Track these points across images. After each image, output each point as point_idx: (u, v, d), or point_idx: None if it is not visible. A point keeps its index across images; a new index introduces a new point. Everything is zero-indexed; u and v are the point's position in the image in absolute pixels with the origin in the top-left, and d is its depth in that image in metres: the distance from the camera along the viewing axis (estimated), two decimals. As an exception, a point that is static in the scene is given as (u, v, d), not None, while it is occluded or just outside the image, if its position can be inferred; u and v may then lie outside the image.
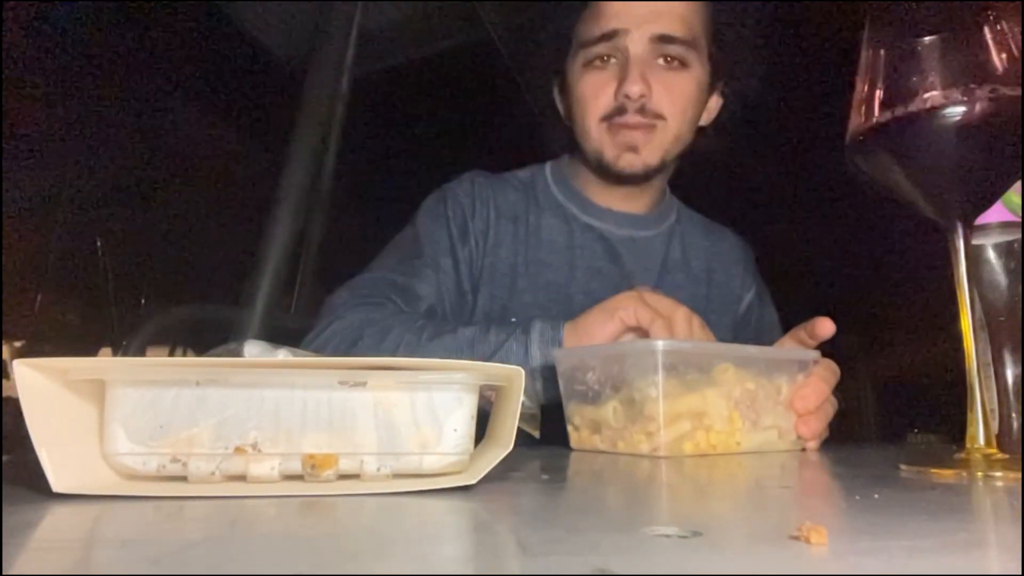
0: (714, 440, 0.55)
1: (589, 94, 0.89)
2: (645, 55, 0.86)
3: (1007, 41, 0.42)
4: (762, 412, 0.58)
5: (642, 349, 0.54)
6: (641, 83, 0.85)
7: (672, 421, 0.53)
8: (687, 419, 0.54)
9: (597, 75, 0.89)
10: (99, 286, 1.20)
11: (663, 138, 0.89)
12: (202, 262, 1.40)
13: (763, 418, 0.58)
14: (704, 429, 0.54)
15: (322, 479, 0.33)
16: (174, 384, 0.32)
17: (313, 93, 1.56)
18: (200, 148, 1.44)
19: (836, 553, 0.20)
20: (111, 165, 1.22)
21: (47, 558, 0.21)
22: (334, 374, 0.33)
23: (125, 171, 1.25)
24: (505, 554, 0.22)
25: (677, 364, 0.53)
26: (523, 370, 0.35)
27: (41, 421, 0.31)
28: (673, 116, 0.88)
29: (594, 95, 0.89)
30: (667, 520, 0.26)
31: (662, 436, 0.52)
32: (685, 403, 0.53)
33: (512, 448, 0.35)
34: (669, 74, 0.87)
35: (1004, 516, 0.28)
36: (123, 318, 1.24)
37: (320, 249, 1.69)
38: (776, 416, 0.59)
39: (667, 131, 0.89)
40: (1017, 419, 0.53)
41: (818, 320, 0.65)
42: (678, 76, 0.88)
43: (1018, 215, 0.55)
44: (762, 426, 0.58)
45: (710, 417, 0.55)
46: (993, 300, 0.55)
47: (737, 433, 0.56)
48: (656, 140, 0.89)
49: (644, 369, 0.53)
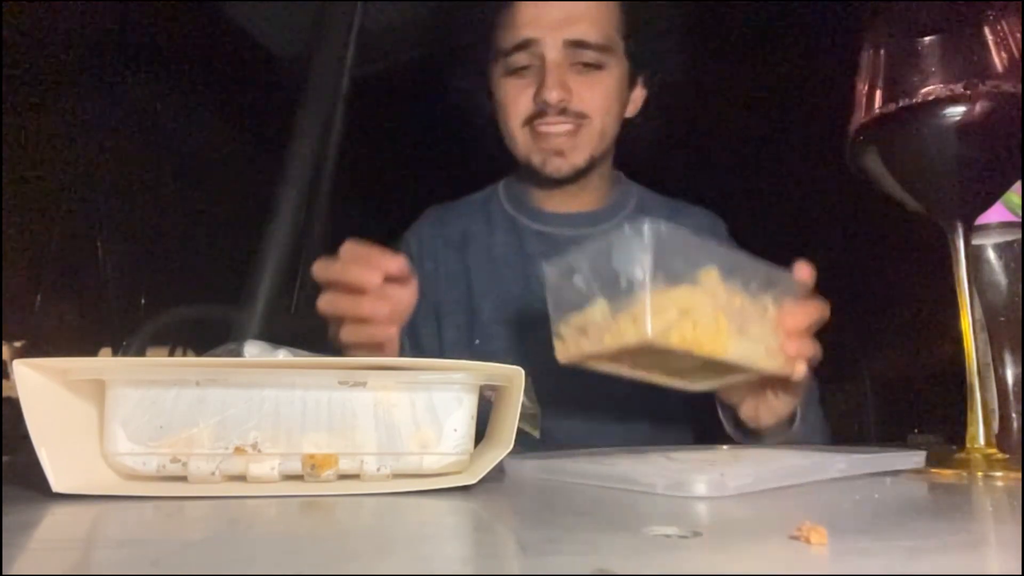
0: (701, 336, 0.51)
1: (509, 100, 0.90)
2: (561, 60, 0.87)
3: (1007, 40, 0.42)
4: (748, 322, 0.55)
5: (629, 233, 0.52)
6: (559, 89, 0.86)
7: (659, 310, 0.50)
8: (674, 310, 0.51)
9: (516, 81, 0.90)
10: (99, 286, 1.20)
11: (588, 137, 0.90)
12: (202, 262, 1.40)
13: (750, 328, 0.55)
14: (691, 323, 0.51)
15: (322, 479, 0.33)
16: (174, 384, 0.32)
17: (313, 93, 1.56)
18: (200, 148, 1.44)
19: (836, 553, 0.20)
20: (111, 165, 1.22)
21: (47, 558, 0.21)
22: (334, 374, 0.33)
23: (125, 171, 1.25)
24: (505, 554, 0.22)
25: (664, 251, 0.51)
26: (523, 370, 0.35)
27: (41, 421, 0.31)
28: (596, 114, 0.89)
29: (514, 100, 0.90)
30: (667, 520, 0.26)
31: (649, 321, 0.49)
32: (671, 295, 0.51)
33: (512, 448, 0.35)
34: (587, 76, 0.88)
35: (1004, 516, 0.28)
36: (123, 318, 1.24)
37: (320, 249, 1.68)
38: (763, 331, 0.55)
39: (592, 129, 0.89)
40: (1017, 419, 0.53)
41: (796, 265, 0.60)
42: (596, 77, 0.89)
43: (1018, 215, 0.55)
44: (749, 336, 0.54)
45: (696, 313, 0.52)
46: (993, 300, 0.55)
47: (723, 335, 0.53)
48: (582, 140, 0.90)
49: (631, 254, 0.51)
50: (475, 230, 1.00)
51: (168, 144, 1.36)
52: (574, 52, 0.87)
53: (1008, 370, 0.54)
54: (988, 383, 0.53)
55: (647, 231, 0.50)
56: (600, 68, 0.89)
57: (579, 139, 0.89)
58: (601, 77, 0.89)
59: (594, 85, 0.88)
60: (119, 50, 1.22)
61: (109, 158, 1.21)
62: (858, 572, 0.19)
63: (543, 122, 0.88)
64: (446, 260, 0.98)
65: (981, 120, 0.41)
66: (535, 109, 0.88)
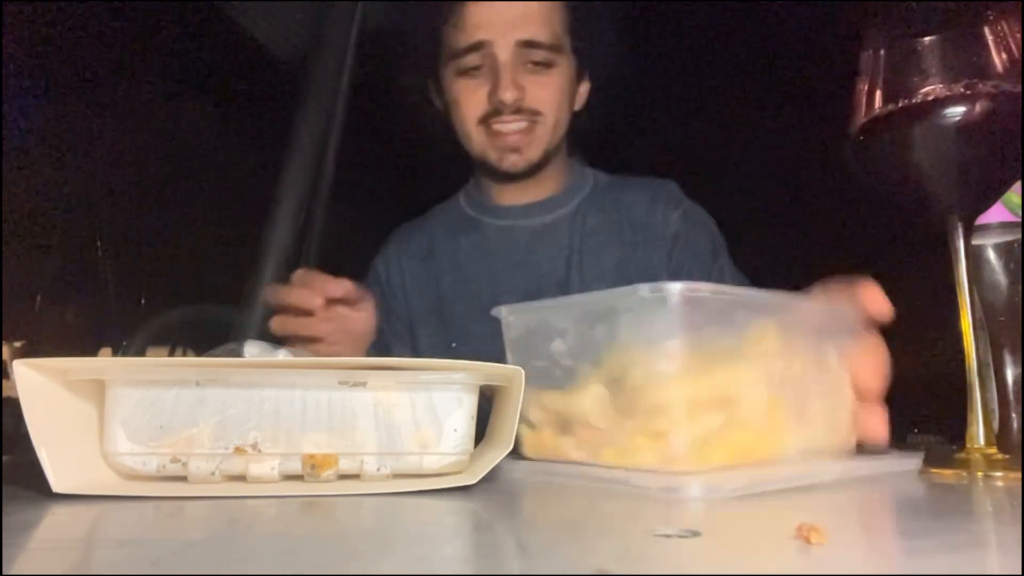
0: (751, 442, 0.37)
1: (463, 100, 0.92)
2: (513, 60, 0.89)
3: (1007, 40, 0.42)
4: (809, 396, 0.40)
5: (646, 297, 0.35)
6: (513, 88, 0.88)
7: (694, 414, 0.35)
8: (713, 410, 0.36)
9: (469, 82, 0.92)
10: (99, 286, 1.20)
11: (542, 133, 0.93)
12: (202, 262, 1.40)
13: (810, 405, 0.41)
14: (736, 424, 0.37)
15: (322, 479, 0.33)
16: (174, 384, 0.32)
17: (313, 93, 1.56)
18: (200, 148, 1.44)
19: (836, 553, 0.20)
20: (111, 165, 1.22)
21: (47, 558, 0.21)
22: (334, 374, 0.33)
23: (125, 171, 1.25)
24: (505, 554, 0.22)
25: (699, 320, 0.35)
26: (523, 370, 0.35)
27: (41, 421, 0.31)
28: (549, 111, 0.92)
29: (467, 100, 0.91)
30: (667, 520, 0.26)
31: (680, 441, 0.34)
32: (709, 384, 0.36)
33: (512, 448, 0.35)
34: (538, 75, 0.91)
35: (1004, 516, 0.28)
36: (123, 318, 1.24)
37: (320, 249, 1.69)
38: (824, 402, 0.42)
39: (545, 125, 0.92)
40: (1017, 419, 0.53)
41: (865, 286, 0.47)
42: (547, 76, 0.92)
43: (1018, 215, 0.55)
44: (808, 418, 0.41)
45: (744, 407, 0.37)
46: (993, 300, 0.55)
47: (779, 430, 0.39)
48: (536, 136, 0.92)
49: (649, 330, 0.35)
50: (439, 239, 1.03)
51: (168, 144, 1.36)
52: (526, 52, 0.89)
53: (1008, 370, 0.54)
54: (988, 383, 0.53)
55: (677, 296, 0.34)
56: (550, 66, 0.91)
57: (534, 136, 0.92)
58: (552, 75, 0.92)
59: (546, 83, 0.91)
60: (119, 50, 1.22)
61: (109, 158, 1.21)
62: (858, 572, 0.19)
63: (498, 120, 0.90)
64: (413, 273, 1.01)
65: (981, 120, 0.41)
66: (489, 108, 0.90)
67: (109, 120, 1.22)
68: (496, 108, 0.89)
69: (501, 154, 0.92)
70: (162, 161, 1.33)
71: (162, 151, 1.34)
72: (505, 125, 0.91)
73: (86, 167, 1.18)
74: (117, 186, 1.23)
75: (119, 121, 1.24)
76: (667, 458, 0.35)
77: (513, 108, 0.89)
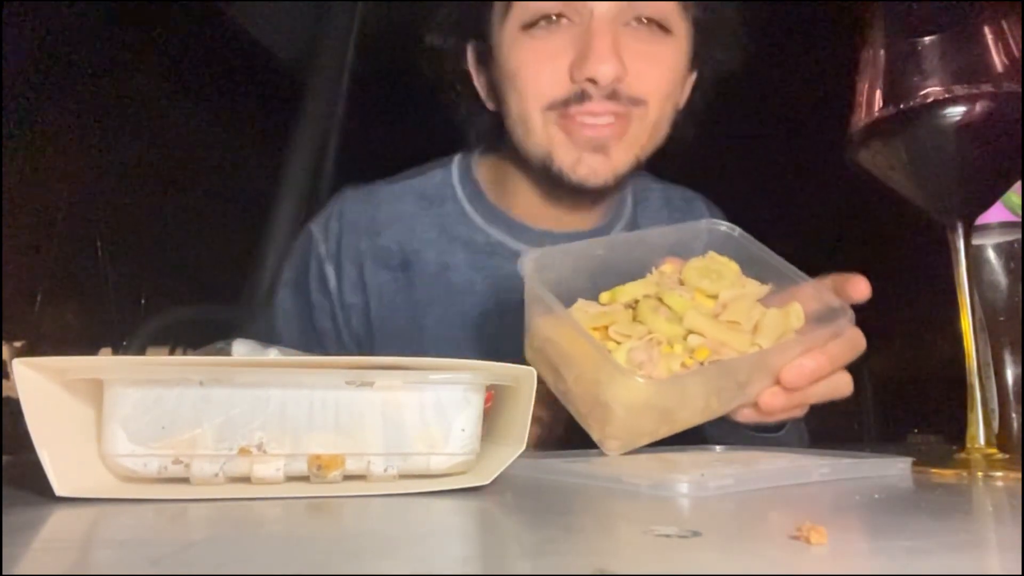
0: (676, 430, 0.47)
1: (530, 71, 0.63)
2: (615, 15, 0.61)
3: (1007, 40, 0.42)
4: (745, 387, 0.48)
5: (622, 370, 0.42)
6: (614, 59, 0.59)
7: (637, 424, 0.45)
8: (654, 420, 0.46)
9: (541, 44, 0.62)
10: (99, 286, 1.20)
11: (640, 131, 0.65)
12: (202, 262, 1.40)
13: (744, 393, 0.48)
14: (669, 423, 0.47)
15: (328, 480, 0.33)
16: (177, 384, 0.32)
17: (313, 93, 1.56)
18: (200, 148, 1.44)
19: (836, 553, 0.20)
20: (111, 165, 1.22)
21: (47, 558, 0.21)
22: (341, 374, 0.33)
23: (125, 171, 1.25)
24: (506, 554, 0.22)
25: None
26: (534, 370, 0.35)
27: (42, 422, 0.31)
28: (655, 100, 0.64)
29: (537, 73, 0.63)
30: (667, 520, 0.26)
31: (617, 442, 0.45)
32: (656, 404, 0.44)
33: None
34: (648, 43, 0.63)
35: (1004, 516, 0.28)
36: (123, 318, 1.24)
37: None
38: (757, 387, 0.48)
39: (646, 121, 0.65)
40: (1017, 419, 0.53)
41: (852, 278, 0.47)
42: (660, 45, 0.64)
43: (1018, 215, 0.55)
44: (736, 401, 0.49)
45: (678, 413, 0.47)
46: (993, 300, 0.55)
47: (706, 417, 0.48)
48: (632, 135, 0.65)
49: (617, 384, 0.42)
50: (422, 241, 0.73)
51: (168, 144, 1.36)
52: (634, 5, 0.61)
53: (1008, 370, 0.54)
54: (988, 383, 0.53)
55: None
56: (665, 31, 0.64)
57: (630, 133, 0.64)
58: (666, 46, 0.64)
59: (656, 58, 0.64)
60: (120, 50, 1.22)
61: (109, 158, 1.21)
62: (858, 572, 0.19)
63: (583, 109, 0.62)
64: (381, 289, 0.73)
65: (981, 120, 0.41)
66: (572, 90, 0.62)
67: (109, 120, 1.22)
68: (581, 90, 0.61)
69: (577, 155, 0.64)
70: (162, 161, 1.33)
71: (162, 151, 1.34)
72: (593, 117, 0.62)
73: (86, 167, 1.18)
74: (117, 186, 1.23)
75: (119, 120, 1.24)
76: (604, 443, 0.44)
77: (608, 90, 0.61)
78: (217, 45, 1.41)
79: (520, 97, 0.64)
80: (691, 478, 0.33)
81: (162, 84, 1.33)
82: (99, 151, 1.19)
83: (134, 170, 1.27)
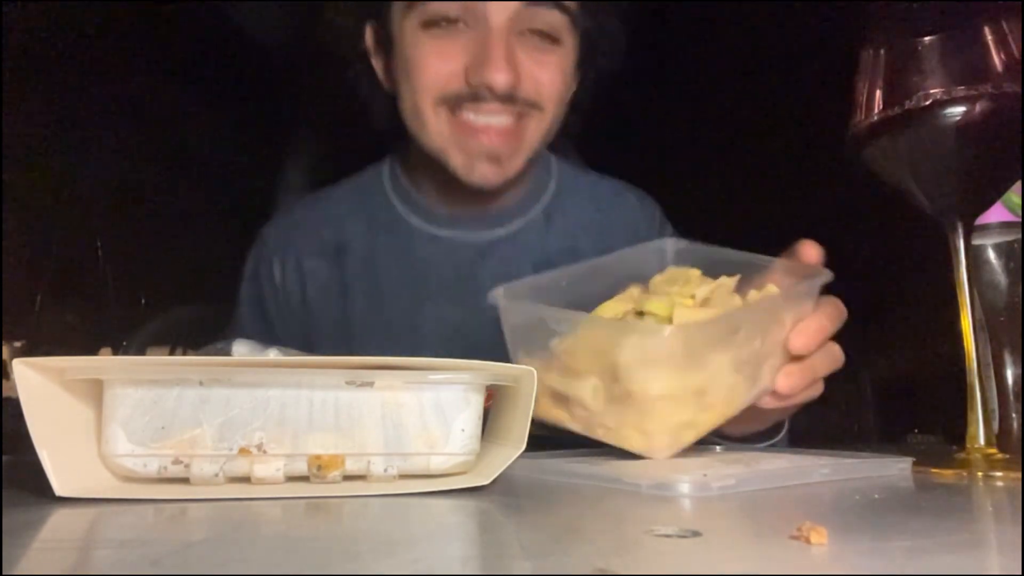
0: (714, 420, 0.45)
1: (426, 66, 0.64)
2: (510, 26, 0.63)
3: (1007, 40, 0.42)
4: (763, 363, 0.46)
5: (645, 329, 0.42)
6: (509, 68, 0.62)
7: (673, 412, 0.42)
8: (689, 405, 0.43)
9: (439, 43, 0.64)
10: (99, 286, 1.20)
11: (534, 134, 0.67)
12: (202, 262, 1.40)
13: (762, 372, 0.47)
14: (704, 409, 0.44)
15: (328, 480, 0.33)
16: (177, 384, 0.32)
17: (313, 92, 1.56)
18: (200, 148, 1.44)
19: (836, 553, 0.20)
20: (111, 165, 1.22)
21: (47, 558, 0.21)
22: (341, 374, 0.33)
23: (125, 171, 1.25)
24: (506, 554, 0.22)
25: None
26: (534, 370, 0.35)
27: (42, 422, 0.31)
28: (550, 104, 0.67)
29: (434, 69, 0.64)
30: (667, 520, 0.26)
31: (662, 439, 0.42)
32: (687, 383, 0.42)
33: None
34: (540, 52, 0.65)
35: (1004, 516, 0.29)
36: (123, 318, 1.24)
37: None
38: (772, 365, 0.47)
39: (541, 124, 0.67)
40: (1017, 419, 0.53)
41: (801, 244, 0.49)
42: (550, 55, 0.66)
43: (1018, 215, 0.55)
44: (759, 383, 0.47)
45: (711, 393, 0.44)
46: (993, 300, 0.55)
47: (737, 400, 0.46)
48: (526, 140, 0.67)
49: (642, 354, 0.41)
50: (353, 233, 0.78)
51: (168, 143, 1.36)
52: (529, 16, 0.64)
53: (1008, 370, 0.54)
54: (988, 383, 0.53)
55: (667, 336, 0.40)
56: (555, 42, 0.66)
57: (523, 138, 0.67)
58: (556, 56, 0.67)
59: (547, 66, 0.66)
60: (119, 49, 1.22)
61: (109, 158, 1.21)
62: (858, 572, 0.19)
63: (476, 108, 0.64)
64: (316, 275, 0.78)
65: (981, 120, 0.41)
66: (464, 88, 0.64)
67: (109, 120, 1.22)
68: (475, 91, 0.63)
69: (470, 160, 0.66)
70: (162, 161, 1.33)
71: (162, 151, 1.34)
72: (483, 117, 0.64)
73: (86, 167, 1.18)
74: (117, 186, 1.23)
75: (119, 120, 1.24)
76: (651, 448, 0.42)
77: (503, 96, 0.63)
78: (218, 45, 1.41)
79: (413, 89, 0.66)
80: (692, 478, 0.33)
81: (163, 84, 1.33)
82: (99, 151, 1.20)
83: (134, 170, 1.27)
